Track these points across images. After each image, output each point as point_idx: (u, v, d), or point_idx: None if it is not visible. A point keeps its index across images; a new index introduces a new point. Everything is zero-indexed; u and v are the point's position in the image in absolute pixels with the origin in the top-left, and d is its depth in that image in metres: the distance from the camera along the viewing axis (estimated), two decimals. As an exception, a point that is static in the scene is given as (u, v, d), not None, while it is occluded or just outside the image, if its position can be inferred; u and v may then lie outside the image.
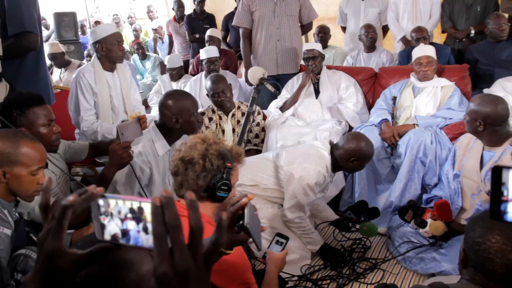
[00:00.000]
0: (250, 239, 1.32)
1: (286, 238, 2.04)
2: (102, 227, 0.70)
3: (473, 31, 4.65)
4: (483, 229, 1.23)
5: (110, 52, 3.19)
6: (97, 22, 7.32)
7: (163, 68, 5.08)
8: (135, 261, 0.76)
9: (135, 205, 0.66)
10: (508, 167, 0.59)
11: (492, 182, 0.60)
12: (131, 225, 0.68)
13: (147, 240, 0.67)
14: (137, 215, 0.67)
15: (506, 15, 4.62)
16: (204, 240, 0.67)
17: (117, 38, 3.21)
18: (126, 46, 7.39)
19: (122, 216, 0.68)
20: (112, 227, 0.69)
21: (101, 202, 0.70)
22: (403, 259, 2.83)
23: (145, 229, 0.66)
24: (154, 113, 4.80)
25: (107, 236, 0.70)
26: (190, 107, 2.52)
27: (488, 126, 2.60)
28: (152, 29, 7.29)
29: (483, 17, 4.58)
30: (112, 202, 0.69)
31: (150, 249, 0.66)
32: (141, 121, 2.52)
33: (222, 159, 1.68)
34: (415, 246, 2.83)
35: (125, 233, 0.68)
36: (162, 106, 2.55)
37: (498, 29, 4.11)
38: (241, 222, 1.28)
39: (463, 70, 3.94)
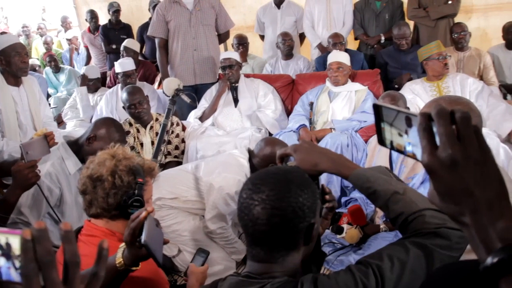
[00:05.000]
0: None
1: (207, 253, 2.02)
2: None
3: (383, 38, 4.91)
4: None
5: (10, 64, 2.98)
6: (3, 33, 6.88)
7: (84, 79, 4.84)
8: None
9: (3, 241, 0.60)
10: (383, 105, 0.72)
11: (375, 117, 0.73)
12: (1, 261, 0.61)
13: (17, 275, 0.61)
14: (6, 251, 0.60)
15: (412, 23, 4.93)
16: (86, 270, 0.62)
17: (17, 49, 2.99)
18: (36, 58, 7.03)
19: None
20: None
21: None
22: (326, 261, 2.88)
23: (15, 266, 0.60)
24: (69, 128, 4.58)
25: None
26: (109, 143, 2.40)
27: None
28: (67, 39, 6.97)
29: (391, 24, 4.86)
30: None
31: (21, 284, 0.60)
32: (48, 138, 2.36)
33: (133, 175, 1.61)
34: (336, 248, 2.89)
35: None
36: (95, 122, 2.50)
37: (399, 43, 4.44)
38: (140, 238, 1.25)
39: (374, 74, 4.13)
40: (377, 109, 0.73)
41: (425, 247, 1.02)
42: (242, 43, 5.05)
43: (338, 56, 3.83)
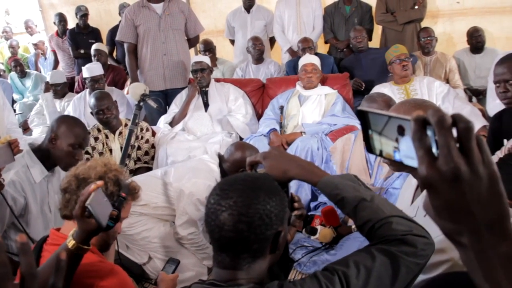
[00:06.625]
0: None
1: (177, 261, 2.02)
2: None
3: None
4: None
5: None
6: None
7: (47, 86, 4.75)
8: None
9: None
10: (370, 111, 0.67)
11: (361, 123, 0.68)
12: None
13: None
14: None
15: (380, 27, 5.03)
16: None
17: None
18: (1, 63, 6.85)
19: None
20: None
21: None
22: (298, 264, 2.89)
23: None
24: (36, 135, 4.47)
25: None
26: (72, 135, 2.36)
27: None
28: (33, 44, 6.81)
29: (361, 28, 4.93)
30: None
31: None
32: (12, 146, 2.30)
33: (118, 187, 1.61)
34: (309, 250, 2.90)
35: None
36: (52, 124, 2.45)
37: (355, 41, 4.61)
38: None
39: (344, 78, 4.18)
40: (363, 115, 0.68)
41: (391, 254, 1.03)
42: (208, 49, 5.03)
43: (311, 58, 3.89)
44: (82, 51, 5.69)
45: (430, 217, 0.59)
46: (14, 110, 5.03)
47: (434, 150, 0.55)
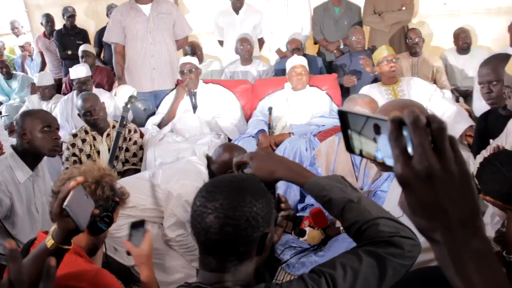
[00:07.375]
0: None
1: (142, 228, 1.83)
2: None
3: (342, 44, 5.00)
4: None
5: None
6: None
7: (33, 88, 4.71)
8: None
9: None
10: (348, 111, 0.68)
11: (341, 123, 0.69)
12: None
13: None
14: None
15: (369, 28, 5.06)
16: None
17: None
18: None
19: None
20: None
21: None
22: (287, 265, 2.90)
23: None
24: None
25: None
26: (37, 121, 2.35)
27: None
28: (19, 46, 6.74)
29: (350, 30, 4.95)
30: None
31: None
32: (-4, 148, 2.29)
33: (113, 191, 1.62)
34: (297, 251, 2.91)
35: None
36: (16, 123, 2.43)
37: (355, 42, 4.60)
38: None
39: (332, 79, 4.19)
40: (342, 115, 0.69)
41: (378, 256, 1.03)
42: (195, 52, 5.03)
43: (300, 60, 3.91)
44: (69, 52, 5.64)
45: (405, 215, 0.60)
46: (0, 112, 4.99)
47: (409, 149, 0.57)
